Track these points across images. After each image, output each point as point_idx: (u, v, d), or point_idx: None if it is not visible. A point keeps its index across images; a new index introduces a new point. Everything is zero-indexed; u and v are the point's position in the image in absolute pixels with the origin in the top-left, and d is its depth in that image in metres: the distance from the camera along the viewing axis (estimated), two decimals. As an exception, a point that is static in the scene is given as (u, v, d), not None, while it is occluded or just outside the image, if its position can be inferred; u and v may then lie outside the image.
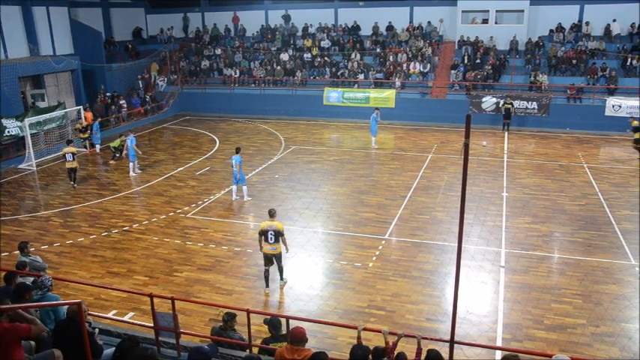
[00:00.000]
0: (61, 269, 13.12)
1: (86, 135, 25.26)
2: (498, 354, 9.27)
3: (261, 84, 33.04)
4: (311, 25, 35.73)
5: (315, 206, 16.97)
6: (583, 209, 16.71)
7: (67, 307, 6.69)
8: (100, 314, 9.94)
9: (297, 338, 6.35)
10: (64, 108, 25.97)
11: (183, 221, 16.21)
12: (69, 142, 20.22)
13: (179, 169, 21.53)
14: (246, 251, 14.05)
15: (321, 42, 34.52)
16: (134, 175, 20.85)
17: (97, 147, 25.13)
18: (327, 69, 32.56)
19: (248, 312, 7.91)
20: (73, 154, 19.37)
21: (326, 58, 33.12)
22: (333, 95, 31.03)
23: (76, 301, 5.95)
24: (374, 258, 13.50)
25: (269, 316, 8.25)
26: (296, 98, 31.77)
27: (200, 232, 15.39)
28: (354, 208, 17.06)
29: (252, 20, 37.13)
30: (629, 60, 28.49)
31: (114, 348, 5.76)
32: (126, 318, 10.63)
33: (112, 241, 14.86)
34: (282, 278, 12.28)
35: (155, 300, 7.88)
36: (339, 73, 32.06)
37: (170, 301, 7.85)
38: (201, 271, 13.00)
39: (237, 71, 33.90)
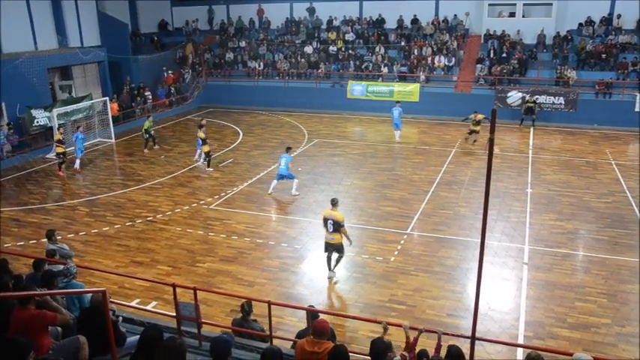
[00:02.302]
0: (86, 257, 13.35)
1: (62, 149, 20.28)
2: (520, 351, 9.19)
3: (285, 77, 33.07)
4: (335, 18, 35.60)
5: (338, 199, 16.94)
6: (610, 207, 16.43)
7: (91, 295, 6.80)
8: (124, 303, 10.09)
9: (319, 331, 6.35)
10: (91, 99, 26.29)
11: (206, 212, 16.35)
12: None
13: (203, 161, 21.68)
14: (269, 243, 14.12)
15: (346, 35, 34.40)
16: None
17: (77, 163, 20.87)
18: (352, 62, 32.44)
19: (269, 304, 7.94)
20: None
21: (350, 51, 33.00)
22: (357, 88, 30.90)
23: (100, 289, 6.05)
24: (396, 252, 13.46)
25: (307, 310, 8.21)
26: (320, 91, 31.73)
27: (223, 223, 15.51)
28: (376, 202, 17.02)
29: (276, 13, 37.10)
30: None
31: (138, 336, 5.85)
32: (149, 307, 10.78)
33: (136, 231, 15.06)
34: (330, 269, 12.18)
35: (177, 290, 7.96)
36: (363, 67, 31.93)
37: (192, 291, 7.93)
38: (223, 262, 13.12)
39: (262, 64, 33.98)
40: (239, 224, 15.42)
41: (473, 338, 7.04)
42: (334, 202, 12.08)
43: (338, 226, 11.75)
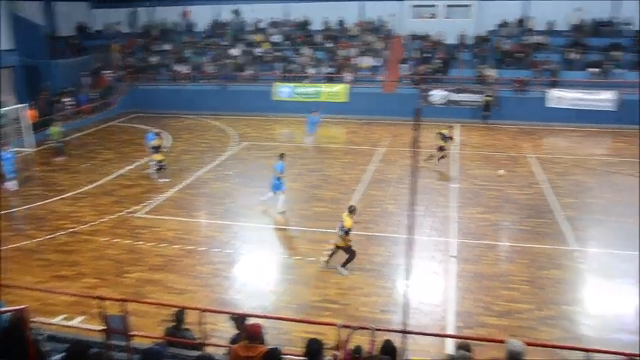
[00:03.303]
0: (4, 275, 12.64)
1: None
2: (451, 342, 9.47)
3: (211, 80, 32.61)
4: (262, 20, 35.52)
5: (268, 202, 16.95)
6: (529, 198, 17.25)
7: (8, 314, 6.46)
8: (46, 320, 9.63)
9: (253, 335, 6.33)
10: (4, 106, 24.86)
11: (133, 221, 15.89)
12: None
13: (128, 168, 21.06)
14: (200, 249, 13.89)
15: (272, 37, 34.35)
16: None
17: (10, 184, 18.80)
18: (278, 64, 32.41)
19: (202, 310, 7.81)
20: None
21: (277, 53, 32.98)
22: (284, 90, 30.93)
23: (19, 307, 5.76)
24: (327, 252, 13.53)
25: (235, 315, 8.12)
26: (247, 94, 31.47)
27: (151, 231, 15.11)
28: (307, 202, 17.09)
29: (202, 15, 36.61)
30: (570, 54, 29.52)
31: (62, 354, 5.61)
32: (74, 322, 10.35)
33: (59, 244, 14.43)
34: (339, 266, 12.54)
35: (105, 302, 7.69)
36: (288, 68, 31.97)
37: (120, 302, 7.68)
38: (152, 271, 12.79)
39: (188, 67, 33.37)
40: (168, 231, 15.08)
41: (404, 332, 7.20)
42: (351, 210, 12.58)
43: (342, 231, 12.26)
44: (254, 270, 12.87)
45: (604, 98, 27.21)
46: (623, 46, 29.51)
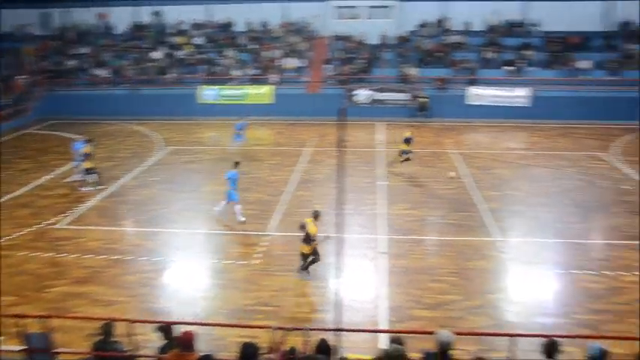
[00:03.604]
0: None
1: None
2: (385, 336, 9.64)
3: (133, 84, 31.63)
4: (183, 21, 34.80)
5: (196, 207, 16.70)
6: (453, 192, 17.84)
7: None
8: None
9: (186, 343, 6.21)
10: None
11: (54, 233, 15.16)
12: None
13: (47, 177, 20.10)
14: (126, 259, 13.45)
15: (195, 39, 33.75)
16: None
17: None
18: (202, 67, 31.89)
19: (130, 322, 7.60)
20: None
21: (200, 56, 32.45)
22: (209, 93, 30.48)
23: None
24: (258, 255, 13.49)
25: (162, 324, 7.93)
26: (171, 97, 30.73)
27: (74, 242, 14.47)
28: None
29: (121, 17, 35.44)
30: (487, 53, 30.85)
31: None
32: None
33: (-27, 261, 13.57)
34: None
35: (24, 320, 7.32)
36: (213, 71, 31.53)
37: (42, 319, 7.33)
38: (77, 284, 12.25)
39: (107, 71, 32.22)
40: (93, 242, 14.50)
41: (338, 330, 7.28)
42: (315, 215, 12.07)
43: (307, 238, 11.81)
44: (184, 277, 12.62)
45: (519, 95, 28.61)
46: (533, 45, 31.14)
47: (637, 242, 13.86)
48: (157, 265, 13.09)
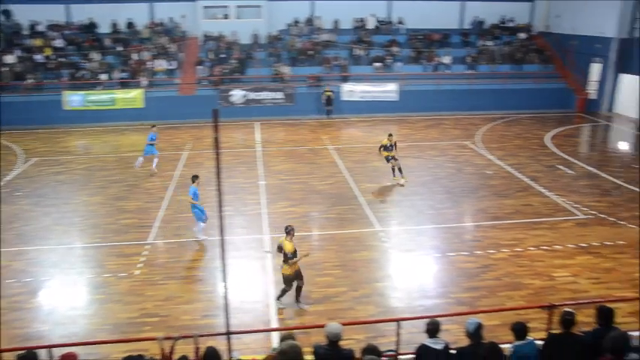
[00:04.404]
0: None
1: None
2: (276, 335, 9.63)
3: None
4: (39, 22, 32.16)
5: (67, 220, 15.64)
6: (332, 187, 18.24)
7: None
8: None
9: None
10: None
11: None
12: None
13: None
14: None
15: (54, 41, 31.45)
16: None
17: None
18: (65, 71, 29.82)
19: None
20: None
21: (62, 59, 30.35)
22: (75, 99, 28.61)
23: None
24: (139, 265, 12.91)
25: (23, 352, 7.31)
26: (33, 105, 28.30)
27: None
28: (111, 216, 16.07)
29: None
30: (356, 50, 31.92)
31: None
32: None
33: None
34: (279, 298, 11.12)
35: None
36: (77, 75, 29.63)
37: None
38: None
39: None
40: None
41: (228, 333, 7.15)
42: (287, 231, 10.93)
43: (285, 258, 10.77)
44: (60, 296, 11.74)
45: (388, 89, 29.93)
46: (399, 42, 32.69)
47: (503, 222, 15.09)
48: (28, 286, 12.05)
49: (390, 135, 18.77)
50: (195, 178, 14.36)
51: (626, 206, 16.19)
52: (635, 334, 7.70)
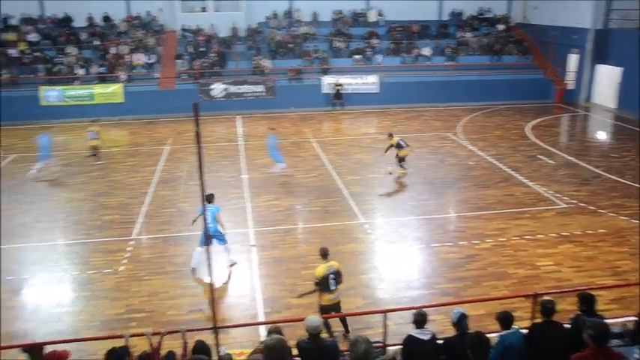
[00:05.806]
0: None
1: None
2: (262, 328, 9.65)
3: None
4: (12, 16, 31.51)
5: (49, 217, 15.43)
6: (316, 180, 18.25)
7: None
8: None
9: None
10: None
11: None
12: None
13: None
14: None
15: (28, 36, 30.88)
16: None
17: None
18: (41, 66, 29.34)
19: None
20: None
21: (37, 54, 29.83)
22: (52, 94, 28.18)
23: None
24: (124, 261, 12.81)
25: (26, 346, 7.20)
26: (9, 100, 27.69)
27: None
28: (94, 212, 15.90)
29: None
30: (336, 43, 31.88)
31: None
32: None
33: None
34: (347, 331, 9.74)
35: None
36: (53, 70, 29.17)
37: None
38: None
39: None
40: None
41: (215, 328, 7.16)
42: (325, 253, 9.44)
43: (339, 278, 9.41)
44: (44, 293, 11.59)
45: (369, 82, 29.96)
46: (378, 34, 32.73)
47: (486, 212, 15.24)
48: (10, 285, 11.89)
49: (391, 135, 18.70)
50: (211, 197, 12.50)
51: (606, 195, 16.45)
52: (618, 320, 7.90)
